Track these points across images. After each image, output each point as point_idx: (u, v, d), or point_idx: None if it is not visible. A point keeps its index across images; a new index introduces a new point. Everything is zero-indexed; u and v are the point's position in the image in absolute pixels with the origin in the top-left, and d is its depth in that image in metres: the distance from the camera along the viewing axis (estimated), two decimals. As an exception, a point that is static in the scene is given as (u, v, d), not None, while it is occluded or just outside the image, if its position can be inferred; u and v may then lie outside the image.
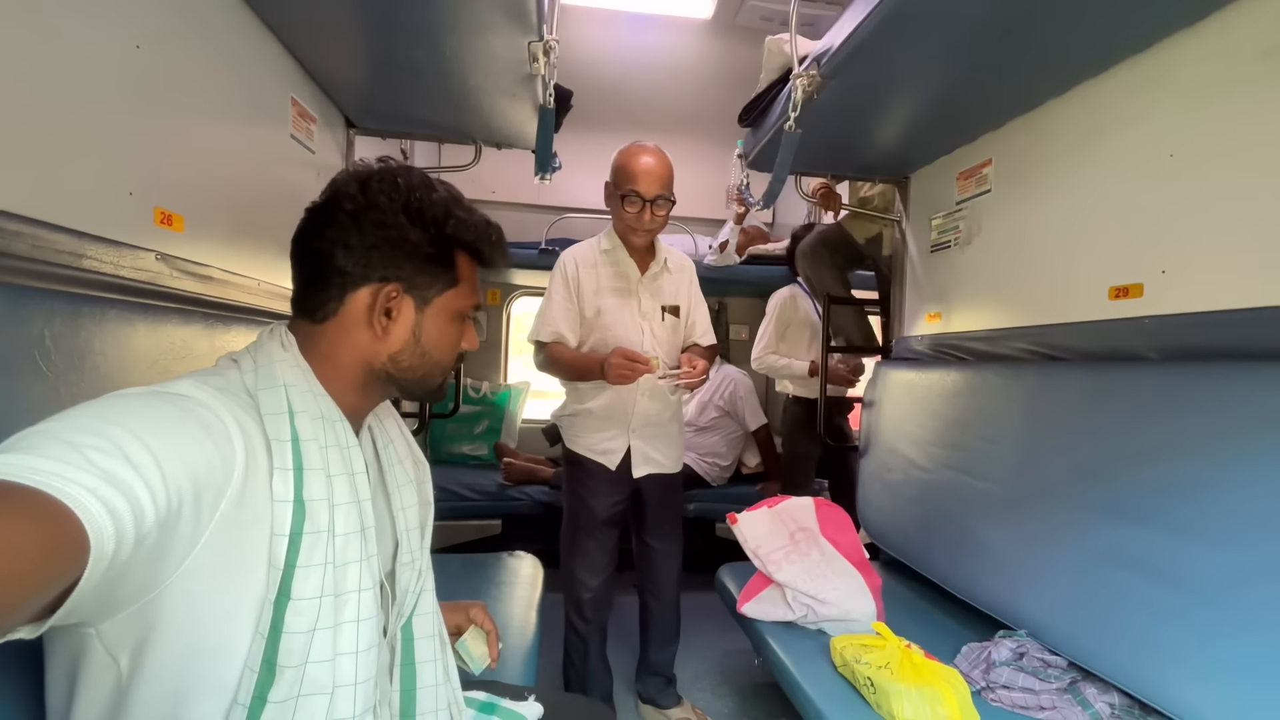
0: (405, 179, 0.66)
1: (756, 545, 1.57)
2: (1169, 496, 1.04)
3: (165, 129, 0.99)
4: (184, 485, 0.46)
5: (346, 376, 0.66)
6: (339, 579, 0.58)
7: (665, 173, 1.53)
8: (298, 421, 0.58)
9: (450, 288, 0.69)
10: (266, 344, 0.63)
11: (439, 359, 0.71)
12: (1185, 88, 1.14)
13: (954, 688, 1.07)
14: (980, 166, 1.70)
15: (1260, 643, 0.88)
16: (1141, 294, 1.22)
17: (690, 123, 3.36)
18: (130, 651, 0.50)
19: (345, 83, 1.64)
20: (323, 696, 0.56)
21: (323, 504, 0.58)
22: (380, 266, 0.64)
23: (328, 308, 0.64)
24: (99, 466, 0.41)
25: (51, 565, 0.36)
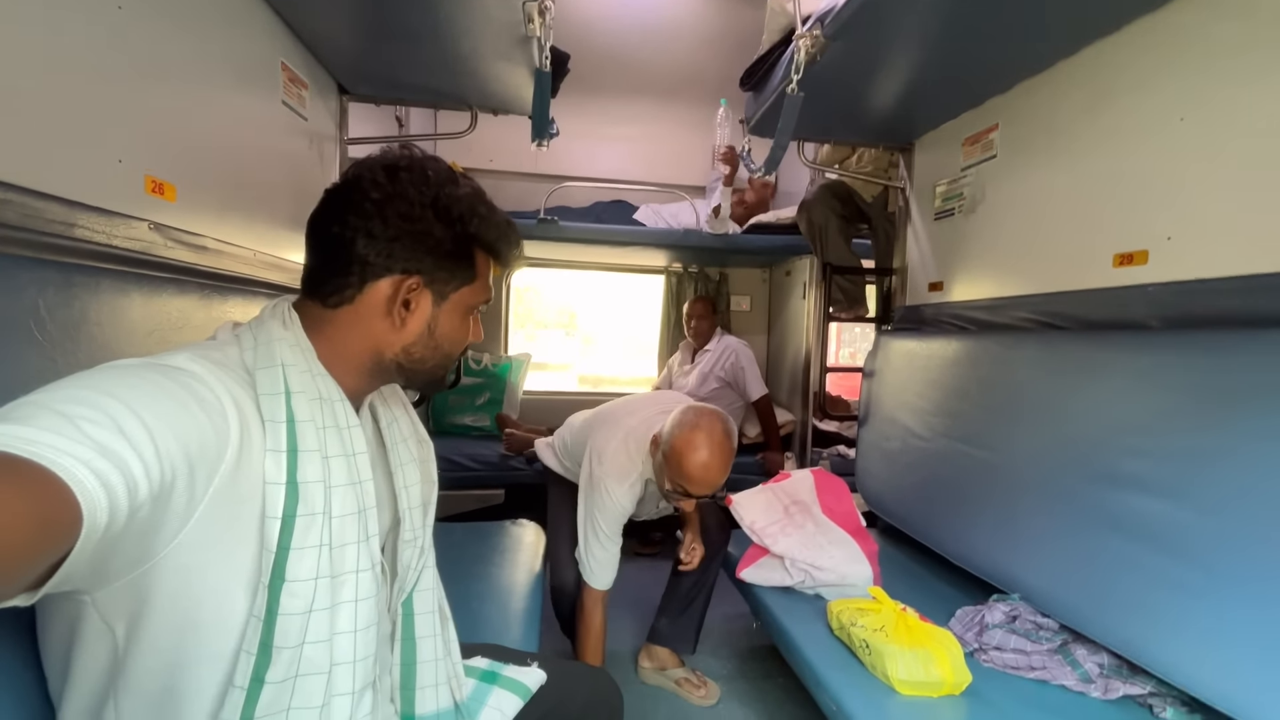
0: (434, 171, 0.65)
1: (753, 522, 1.60)
2: (1163, 464, 1.04)
3: (151, 94, 0.97)
4: (177, 459, 0.46)
5: (353, 362, 0.65)
6: (336, 560, 0.58)
7: (721, 477, 1.33)
8: (294, 402, 0.57)
9: (467, 284, 0.69)
10: (268, 322, 0.62)
11: (449, 351, 0.71)
12: (1200, 48, 1.11)
13: (947, 649, 1.10)
14: (986, 131, 1.67)
15: (1244, 605, 0.90)
16: (1146, 261, 1.21)
17: (691, 86, 3.29)
18: (126, 621, 0.50)
19: (336, 47, 1.60)
20: (320, 676, 0.56)
21: (318, 486, 0.57)
22: (402, 258, 0.63)
23: (344, 294, 0.63)
24: (92, 438, 0.40)
25: (45, 537, 0.36)
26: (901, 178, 2.11)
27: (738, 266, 3.56)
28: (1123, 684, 1.08)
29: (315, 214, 0.64)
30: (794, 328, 3.14)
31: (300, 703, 0.55)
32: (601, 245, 2.92)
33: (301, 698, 0.55)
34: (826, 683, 1.12)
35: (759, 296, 3.61)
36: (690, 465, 1.29)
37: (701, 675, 1.79)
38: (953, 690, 1.07)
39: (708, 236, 2.80)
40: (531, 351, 3.37)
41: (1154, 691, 1.05)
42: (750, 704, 1.73)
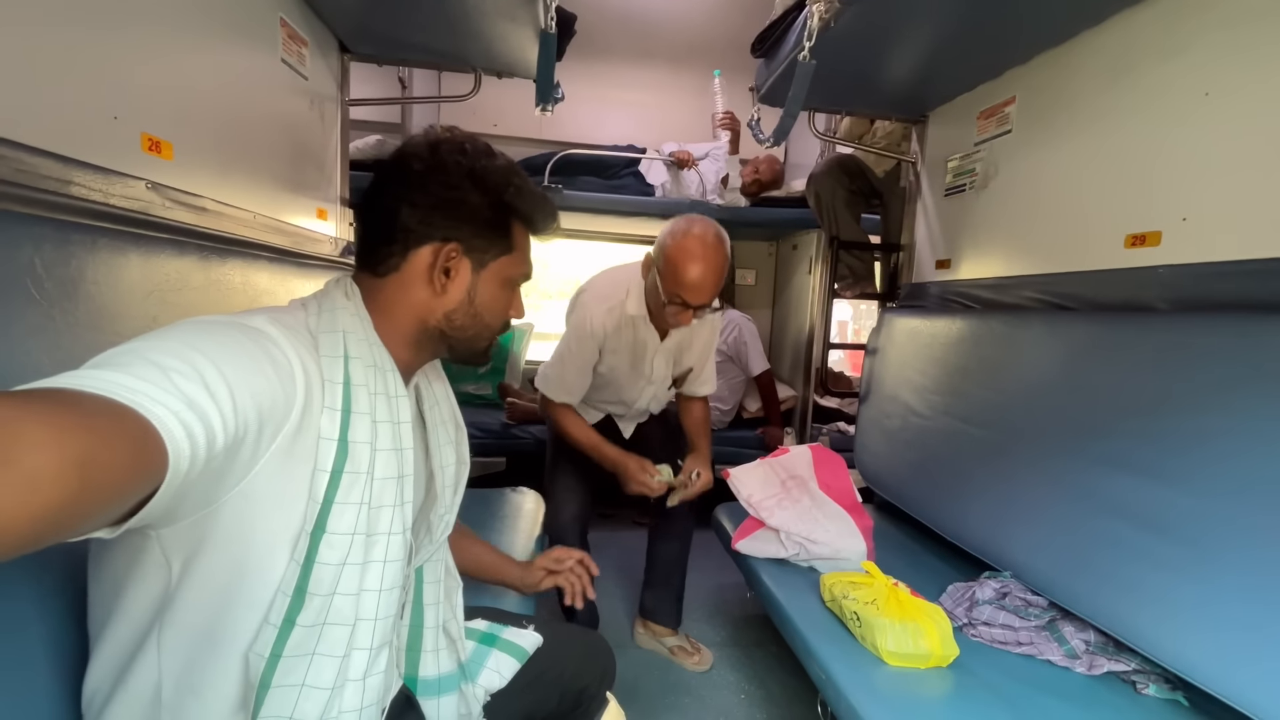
0: (471, 145, 0.69)
1: (749, 495, 1.61)
2: (1159, 447, 1.04)
3: (146, 49, 0.95)
4: (250, 416, 0.49)
5: (402, 330, 0.69)
6: (372, 519, 0.61)
7: (717, 282, 1.32)
8: (351, 367, 0.61)
9: (505, 254, 0.72)
10: (332, 292, 0.67)
11: (489, 322, 0.74)
12: (1230, 18, 1.07)
13: (936, 623, 1.11)
14: (1003, 105, 1.62)
15: (1229, 586, 0.90)
16: (1159, 242, 1.19)
17: (701, 52, 3.20)
18: (183, 558, 0.54)
19: (337, 4, 1.55)
20: (345, 627, 0.60)
21: (365, 446, 0.61)
22: (442, 226, 0.67)
23: (390, 262, 0.67)
24: (182, 391, 0.43)
25: (138, 478, 0.40)
26: (913, 152, 2.06)
27: (743, 240, 3.52)
28: (1108, 661, 1.10)
29: (366, 190, 0.69)
30: (798, 303, 3.12)
31: (324, 650, 0.59)
32: (607, 215, 2.88)
33: (326, 645, 0.59)
34: (816, 652, 1.14)
35: (764, 270, 3.57)
36: (686, 268, 1.29)
37: (695, 642, 1.83)
38: (940, 662, 1.09)
39: (714, 208, 2.77)
40: (535, 321, 3.36)
41: (1138, 669, 1.07)
42: (741, 670, 1.77)
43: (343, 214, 1.83)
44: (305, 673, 0.58)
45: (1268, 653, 0.85)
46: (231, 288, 1.08)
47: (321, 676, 0.59)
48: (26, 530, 0.33)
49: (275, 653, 0.56)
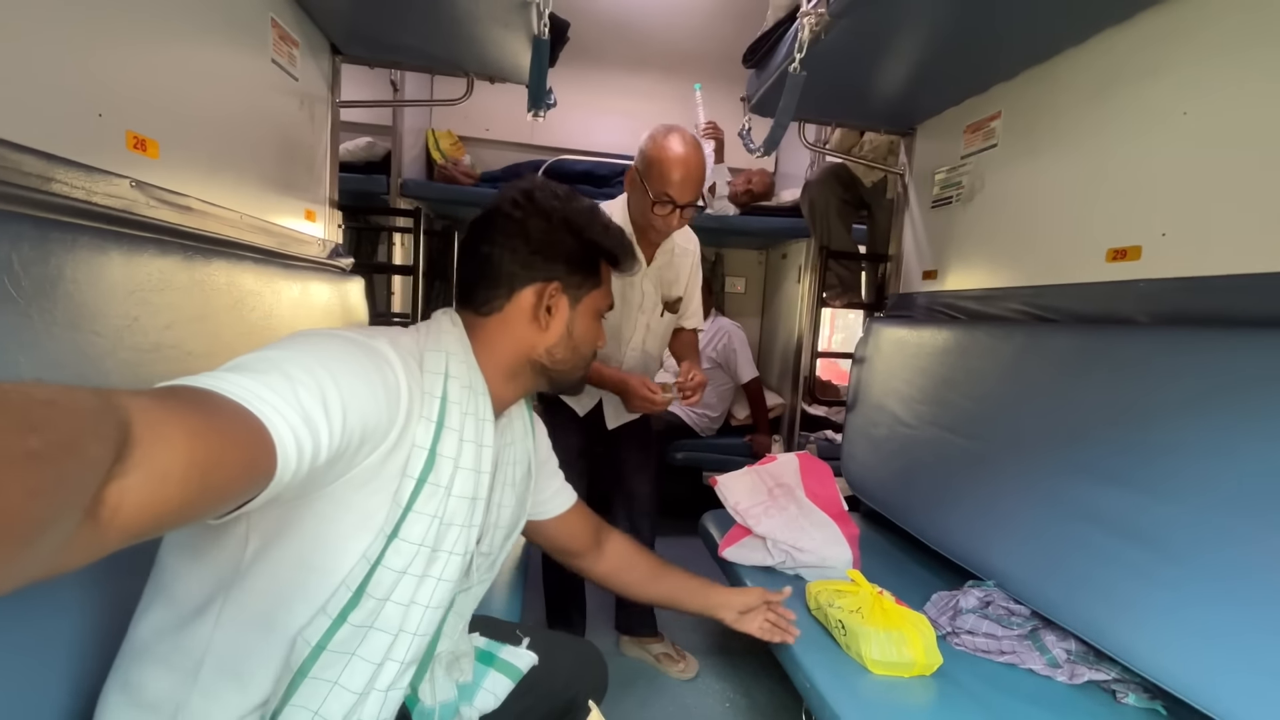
0: (561, 192, 0.77)
1: (736, 502, 1.61)
2: (1139, 457, 1.06)
3: (133, 45, 0.94)
4: (355, 435, 0.53)
5: (500, 364, 0.74)
6: (440, 535, 0.64)
7: (700, 179, 1.40)
8: (449, 384, 0.65)
9: (595, 289, 0.79)
10: (440, 318, 0.73)
11: (584, 353, 0.80)
12: (1208, 41, 1.10)
13: (920, 632, 1.12)
14: (989, 119, 1.65)
15: (1205, 597, 0.92)
16: (1140, 257, 1.21)
17: (694, 61, 3.22)
18: (260, 540, 0.57)
19: (329, 5, 1.55)
20: (388, 635, 0.62)
21: (449, 461, 0.64)
22: (543, 268, 0.73)
23: (494, 304, 0.73)
24: (304, 406, 0.47)
25: (247, 483, 0.43)
26: (901, 164, 2.09)
27: (734, 248, 3.54)
28: (1088, 670, 1.11)
29: (466, 237, 0.76)
30: (787, 311, 3.14)
31: (364, 653, 0.61)
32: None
33: (367, 649, 0.61)
34: (801, 660, 1.14)
35: (754, 279, 3.59)
36: (671, 166, 1.35)
37: (680, 650, 1.83)
38: (924, 671, 1.10)
39: (703, 216, 2.78)
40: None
41: (1118, 678, 1.08)
42: (727, 679, 1.77)
43: (331, 215, 1.82)
44: (341, 671, 0.59)
45: (1240, 660, 0.86)
46: (216, 288, 1.07)
47: (355, 679, 0.60)
48: (146, 522, 0.35)
49: (321, 644, 0.58)
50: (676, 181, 1.36)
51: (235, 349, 1.11)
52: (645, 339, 1.63)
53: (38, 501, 0.28)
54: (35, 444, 0.28)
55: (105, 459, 0.33)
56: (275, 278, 1.30)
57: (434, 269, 2.88)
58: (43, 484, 0.28)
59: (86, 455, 0.31)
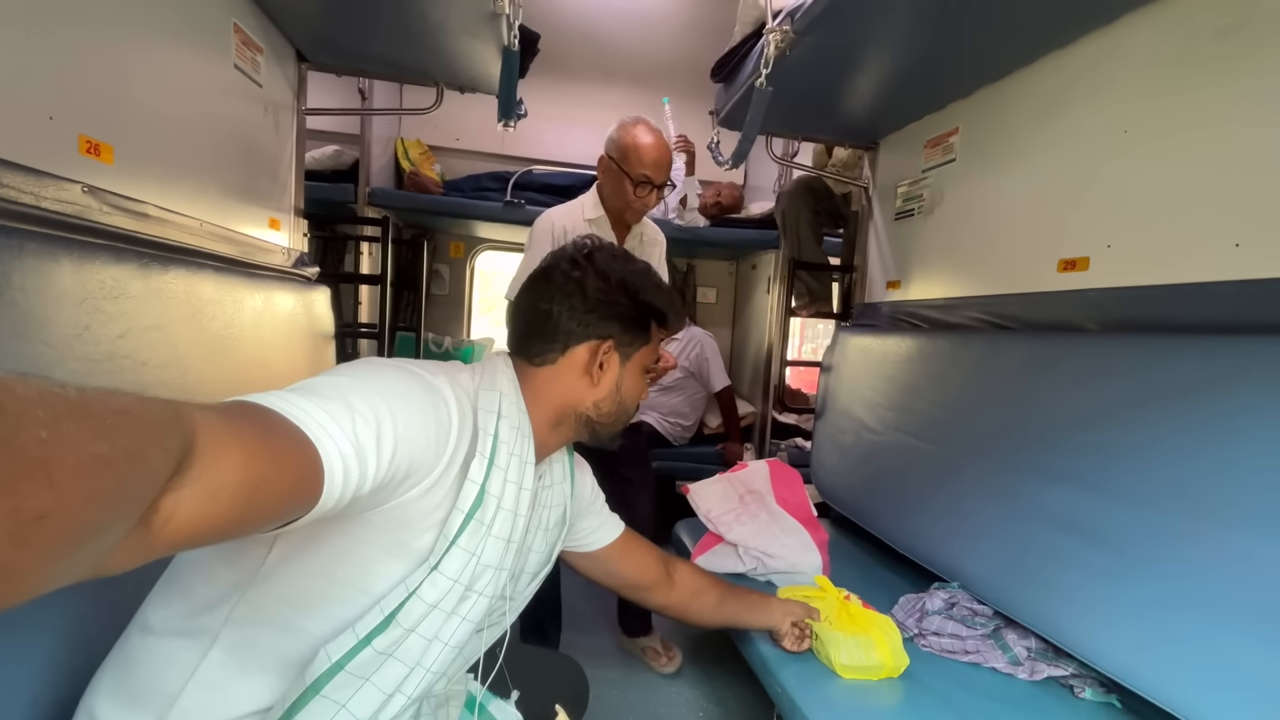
0: (617, 254, 0.80)
1: (708, 509, 1.63)
2: (1092, 459, 1.10)
3: (86, 48, 0.91)
4: (401, 470, 0.54)
5: (547, 412, 0.76)
6: (475, 575, 0.64)
7: (669, 155, 1.56)
8: (501, 424, 0.67)
9: (644, 345, 0.81)
10: (495, 360, 0.75)
11: (629, 407, 0.82)
12: (1144, 63, 1.16)
13: (886, 634, 1.14)
14: (947, 135, 1.71)
15: (1153, 592, 0.96)
16: (1088, 267, 1.27)
17: (663, 75, 3.27)
18: (285, 548, 0.58)
19: (294, 12, 1.53)
20: (405, 667, 0.61)
21: (494, 500, 0.64)
22: (598, 326, 0.76)
23: (548, 356, 0.75)
24: (358, 438, 0.48)
25: (293, 506, 0.44)
26: (866, 177, 2.15)
27: (705, 259, 3.58)
28: (1047, 666, 1.14)
29: (525, 291, 0.79)
30: (757, 321, 3.18)
31: (378, 681, 0.60)
32: (569, 231, 2.89)
33: (382, 677, 0.60)
34: (772, 667, 1.15)
35: (725, 289, 3.64)
36: (646, 148, 1.51)
37: (668, 644, 1.88)
38: (892, 673, 1.12)
39: (675, 228, 2.81)
40: (495, 336, 3.33)
41: (1075, 673, 1.12)
42: (700, 688, 1.77)
43: (296, 224, 1.78)
44: (352, 696, 0.59)
45: (1186, 654, 0.90)
46: (174, 296, 1.04)
47: (363, 706, 0.59)
48: (194, 533, 0.36)
49: (341, 662, 0.58)
50: (654, 162, 1.52)
51: (193, 358, 1.08)
52: None
53: (96, 506, 0.28)
54: (104, 449, 0.29)
55: (166, 470, 0.33)
56: (237, 287, 1.27)
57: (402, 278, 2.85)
58: (104, 489, 0.29)
59: (149, 465, 0.32)
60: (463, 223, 3.02)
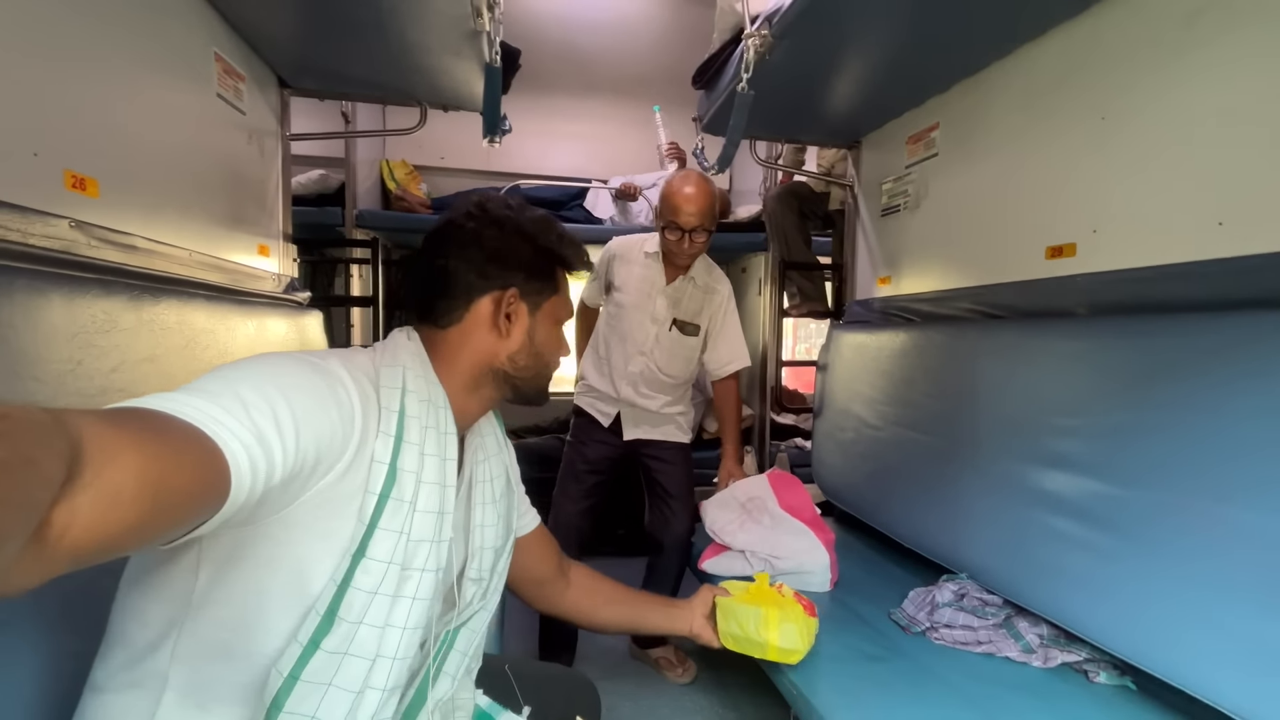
0: (512, 202, 0.77)
1: (712, 523, 1.63)
2: (1090, 442, 1.11)
3: (69, 84, 0.91)
4: (309, 453, 0.52)
5: (462, 375, 0.73)
6: (409, 552, 0.62)
7: (705, 205, 1.60)
8: (407, 399, 0.65)
9: (553, 295, 0.79)
10: (395, 336, 0.72)
11: (548, 360, 0.79)
12: (1116, 51, 1.18)
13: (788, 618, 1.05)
14: (928, 130, 1.73)
15: (1162, 571, 0.96)
16: (1075, 253, 1.28)
17: (645, 84, 3.30)
18: (212, 569, 0.55)
19: (274, 38, 1.53)
20: (364, 661, 0.59)
21: (411, 476, 0.62)
22: (499, 276, 0.73)
23: (453, 314, 0.73)
24: (257, 426, 0.47)
25: (201, 505, 0.42)
26: (850, 175, 2.17)
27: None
28: (1060, 653, 1.14)
29: (420, 255, 0.76)
30: (750, 323, 3.18)
31: (341, 682, 0.58)
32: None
33: (343, 678, 0.58)
34: (786, 668, 1.14)
35: (717, 293, 3.64)
36: (674, 195, 1.61)
37: (682, 654, 1.87)
38: (777, 657, 1.04)
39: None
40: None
41: (1089, 658, 1.12)
42: (714, 694, 1.75)
43: (285, 250, 1.78)
44: (318, 704, 0.57)
45: (1198, 631, 0.91)
46: (166, 327, 1.03)
47: (333, 711, 0.58)
48: (97, 543, 0.34)
49: (294, 674, 0.56)
50: (679, 208, 1.60)
51: (188, 390, 1.07)
52: (654, 349, 1.74)
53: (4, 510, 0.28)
54: (3, 454, 0.28)
55: (58, 476, 0.32)
56: (229, 315, 1.27)
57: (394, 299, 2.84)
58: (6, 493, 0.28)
59: (42, 470, 0.31)
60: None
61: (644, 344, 1.73)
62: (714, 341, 1.78)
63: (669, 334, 1.74)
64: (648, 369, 1.74)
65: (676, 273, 1.74)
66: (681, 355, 1.76)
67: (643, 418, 1.79)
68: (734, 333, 1.79)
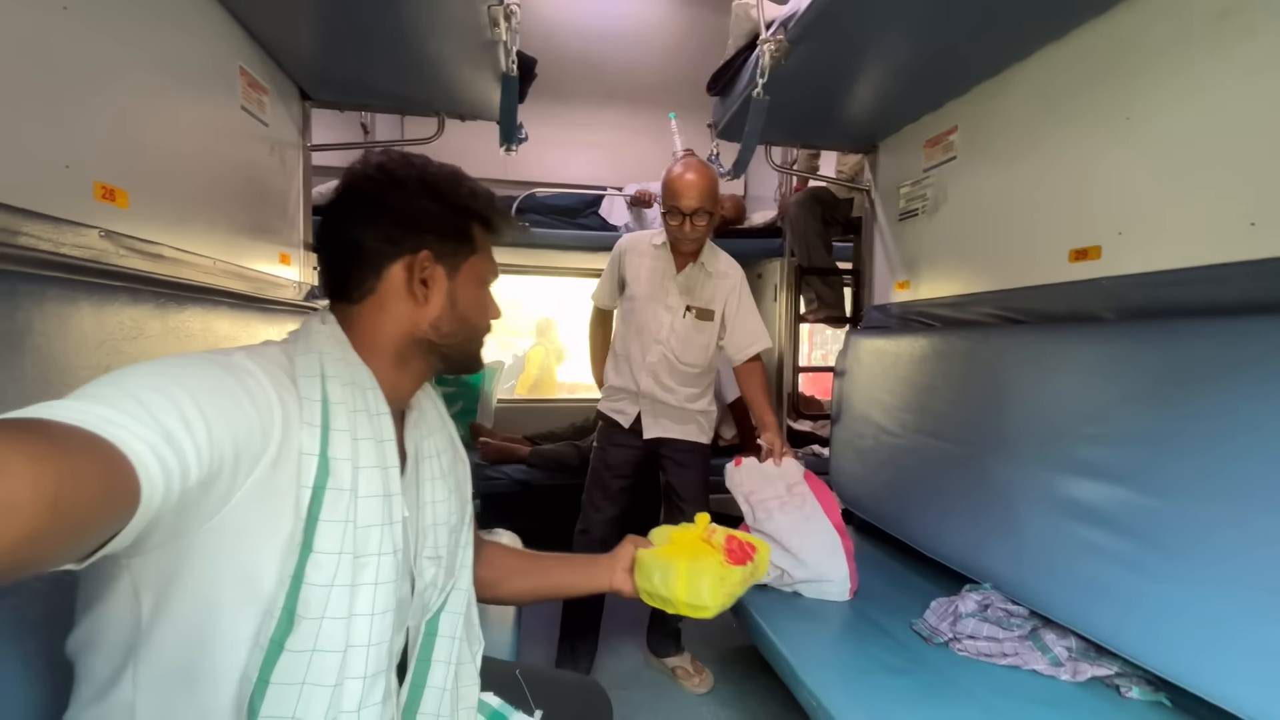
0: (414, 158, 0.71)
1: (750, 491, 1.58)
2: (1118, 450, 1.08)
3: (100, 97, 0.94)
4: (226, 449, 0.49)
5: (386, 351, 0.69)
6: (360, 540, 0.60)
7: (704, 186, 1.61)
8: (329, 385, 0.61)
9: (472, 255, 0.73)
10: (309, 322, 0.68)
11: (475, 323, 0.75)
12: (1142, 50, 1.16)
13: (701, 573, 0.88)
14: (946, 134, 1.71)
15: (1198, 583, 0.93)
16: (1100, 256, 1.25)
17: (660, 92, 3.31)
18: (155, 593, 0.53)
19: (297, 52, 1.57)
20: (335, 654, 0.58)
21: (346, 464, 0.60)
22: (408, 239, 0.68)
23: (365, 287, 0.68)
24: (161, 424, 0.44)
25: (109, 512, 0.40)
26: (867, 180, 2.15)
27: (710, 270, 3.58)
28: (1090, 666, 1.11)
29: (319, 228, 0.70)
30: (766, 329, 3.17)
31: (314, 679, 0.56)
32: (574, 250, 2.91)
33: (316, 674, 0.56)
34: (805, 678, 1.12)
35: (732, 299, 3.63)
36: (673, 181, 1.62)
37: (699, 664, 1.86)
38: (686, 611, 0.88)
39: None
40: (505, 359, 3.34)
41: (1120, 672, 1.08)
42: (732, 705, 1.73)
43: (306, 258, 1.81)
44: (295, 704, 0.55)
45: (1236, 646, 0.87)
46: (190, 335, 1.05)
47: (312, 709, 0.56)
48: None
49: (263, 677, 0.54)
50: (680, 192, 1.61)
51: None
52: (670, 337, 1.74)
53: None
54: None
55: None
56: (251, 322, 1.29)
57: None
58: None
59: None
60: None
61: (660, 333, 1.73)
62: (732, 325, 1.77)
63: (684, 321, 1.74)
64: (665, 358, 1.74)
65: (686, 260, 1.74)
66: (699, 342, 1.75)
67: (664, 413, 1.78)
68: (751, 315, 1.78)
